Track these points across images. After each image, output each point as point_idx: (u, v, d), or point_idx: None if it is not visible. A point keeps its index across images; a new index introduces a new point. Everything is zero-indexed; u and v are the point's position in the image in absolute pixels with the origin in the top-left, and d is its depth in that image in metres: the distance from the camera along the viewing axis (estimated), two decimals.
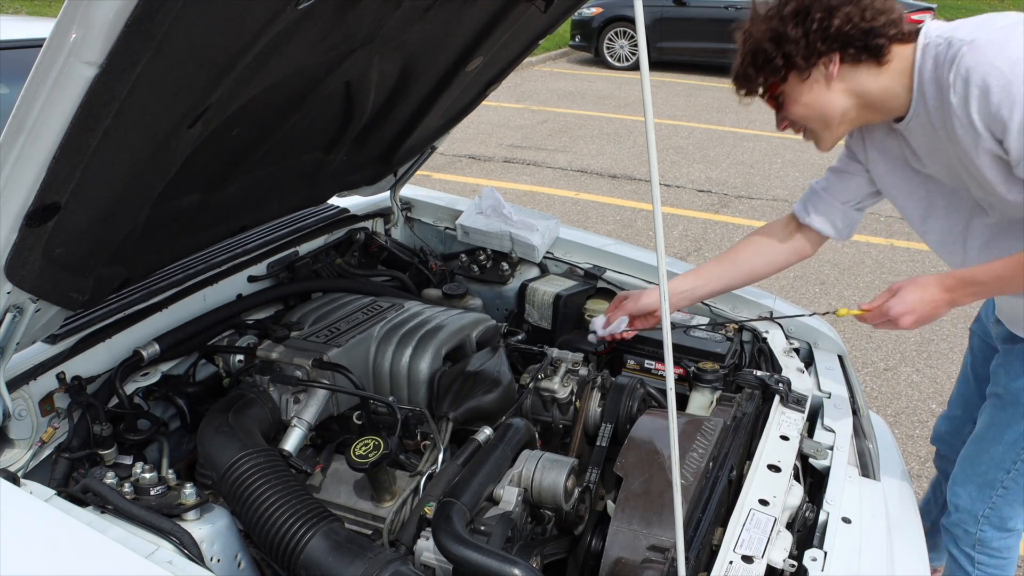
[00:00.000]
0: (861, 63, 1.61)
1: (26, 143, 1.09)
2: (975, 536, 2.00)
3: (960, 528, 2.01)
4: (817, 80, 1.63)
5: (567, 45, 13.88)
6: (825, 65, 1.61)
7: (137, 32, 0.98)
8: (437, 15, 1.69)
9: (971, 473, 1.97)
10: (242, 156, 1.77)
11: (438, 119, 2.36)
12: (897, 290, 1.69)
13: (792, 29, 1.59)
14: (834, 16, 1.57)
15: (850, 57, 1.60)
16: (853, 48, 1.59)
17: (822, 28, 1.57)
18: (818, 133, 1.73)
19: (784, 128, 1.78)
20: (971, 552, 2.02)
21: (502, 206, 2.65)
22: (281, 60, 1.40)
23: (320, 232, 2.42)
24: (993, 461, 1.92)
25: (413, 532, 1.44)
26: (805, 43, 1.59)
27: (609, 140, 8.64)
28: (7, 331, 1.38)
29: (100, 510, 1.34)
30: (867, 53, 1.59)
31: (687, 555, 1.33)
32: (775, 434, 1.75)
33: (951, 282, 1.65)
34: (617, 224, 6.17)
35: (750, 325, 2.24)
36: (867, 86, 1.63)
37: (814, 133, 1.74)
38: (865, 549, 1.53)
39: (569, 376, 1.88)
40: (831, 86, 1.63)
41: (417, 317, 1.98)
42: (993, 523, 1.97)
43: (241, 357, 1.86)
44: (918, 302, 1.66)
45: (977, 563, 2.03)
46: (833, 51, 1.60)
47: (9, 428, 1.51)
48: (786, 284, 5.19)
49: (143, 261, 1.74)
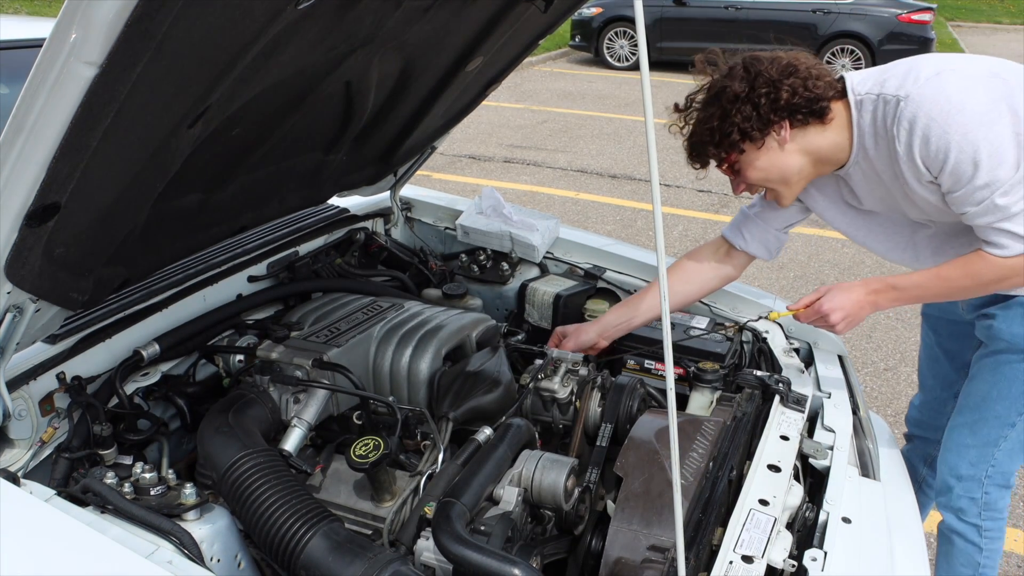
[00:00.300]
0: (808, 125, 1.79)
1: (26, 143, 1.09)
2: (981, 501, 2.01)
3: (965, 499, 2.02)
4: (771, 147, 1.81)
5: (567, 45, 13.89)
6: (777, 131, 1.79)
7: (137, 32, 0.98)
8: (437, 15, 1.69)
9: (971, 441, 2.00)
10: (242, 156, 1.76)
11: (438, 119, 2.36)
12: (826, 292, 1.89)
13: (740, 109, 1.76)
14: (780, 89, 1.75)
15: (799, 122, 1.79)
16: (800, 114, 1.77)
17: (770, 101, 1.76)
18: (778, 191, 1.91)
19: (741, 192, 1.96)
20: (978, 521, 2.03)
21: (502, 206, 2.65)
22: (281, 60, 1.40)
23: (320, 232, 2.41)
24: (998, 419, 1.95)
25: (413, 532, 1.44)
26: (757, 116, 1.77)
27: (609, 140, 8.64)
28: (7, 331, 1.38)
29: (100, 510, 1.34)
30: (813, 116, 1.78)
31: (687, 555, 1.33)
32: (775, 434, 1.75)
33: (876, 285, 1.86)
34: (617, 224, 6.17)
35: (750, 325, 2.24)
36: (817, 144, 1.81)
37: (774, 192, 1.92)
38: (865, 549, 1.53)
39: (569, 376, 1.88)
40: (785, 148, 1.81)
41: (417, 317, 1.98)
42: (996, 481, 2.00)
43: (241, 357, 1.86)
44: (846, 301, 1.85)
45: (984, 531, 2.04)
46: (783, 119, 1.78)
47: (9, 428, 1.51)
48: (786, 284, 5.19)
49: (143, 261, 1.74)
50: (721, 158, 1.86)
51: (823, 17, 11.80)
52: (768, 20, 11.96)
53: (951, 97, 1.62)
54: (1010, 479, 2.01)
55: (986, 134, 1.61)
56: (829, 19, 11.77)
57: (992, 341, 1.95)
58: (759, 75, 1.77)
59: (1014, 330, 1.90)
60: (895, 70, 1.75)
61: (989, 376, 1.96)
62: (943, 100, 1.63)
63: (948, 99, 1.62)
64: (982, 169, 1.61)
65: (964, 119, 1.61)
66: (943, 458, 2.06)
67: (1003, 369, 1.94)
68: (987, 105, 1.62)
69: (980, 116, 1.61)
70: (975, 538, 2.04)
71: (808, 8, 11.86)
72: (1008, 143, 1.61)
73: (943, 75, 1.66)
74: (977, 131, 1.61)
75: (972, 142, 1.60)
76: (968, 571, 2.07)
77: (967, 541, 2.05)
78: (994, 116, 1.61)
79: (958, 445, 2.02)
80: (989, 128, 1.61)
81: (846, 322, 1.87)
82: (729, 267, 2.18)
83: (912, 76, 1.69)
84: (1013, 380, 1.93)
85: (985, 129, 1.61)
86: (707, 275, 2.18)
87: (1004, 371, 1.94)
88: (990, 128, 1.61)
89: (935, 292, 1.84)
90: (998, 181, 1.62)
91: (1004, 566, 2.91)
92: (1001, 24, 20.46)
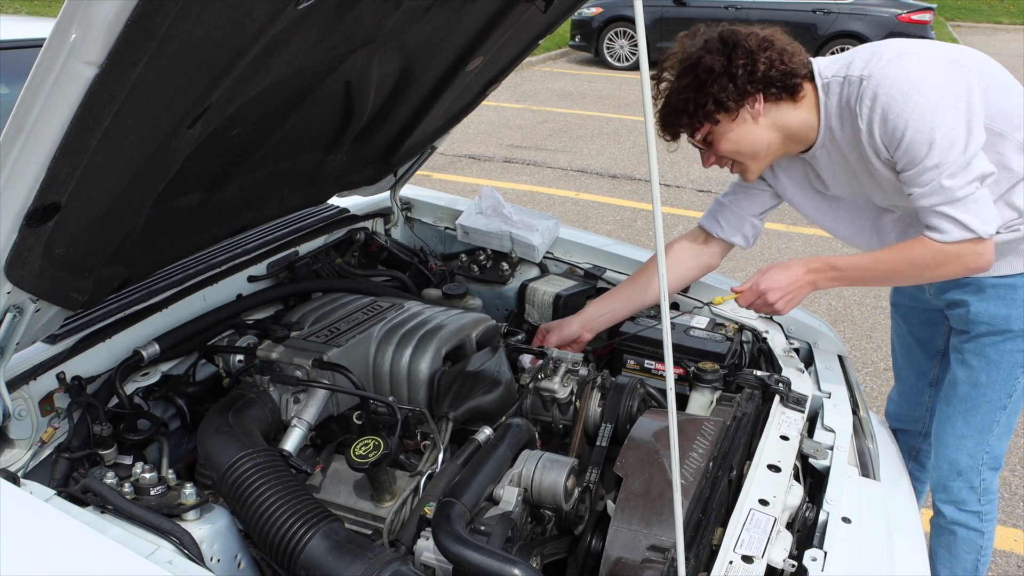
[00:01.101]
0: (781, 101, 1.83)
1: (26, 143, 1.09)
2: (980, 488, 2.02)
3: (965, 489, 2.02)
4: (744, 119, 1.84)
5: (567, 45, 13.88)
6: (751, 104, 1.82)
7: (137, 32, 0.98)
8: (437, 15, 1.69)
9: (966, 431, 2.00)
10: (242, 156, 1.76)
11: (438, 119, 2.36)
12: (766, 271, 1.91)
13: (716, 80, 1.78)
14: (758, 61, 1.79)
15: (772, 96, 1.82)
16: (775, 88, 1.81)
17: (747, 72, 1.79)
18: (746, 165, 1.94)
19: (710, 165, 1.99)
20: (978, 508, 2.04)
21: (502, 206, 2.65)
22: (281, 60, 1.40)
23: (320, 232, 2.41)
24: (990, 404, 1.97)
25: (413, 532, 1.44)
26: (733, 87, 1.79)
27: (609, 140, 8.64)
28: (7, 331, 1.38)
29: (100, 510, 1.34)
30: (786, 92, 1.82)
31: (687, 555, 1.33)
32: (775, 434, 1.75)
33: (816, 265, 1.88)
34: (617, 224, 6.17)
35: (750, 325, 2.24)
36: (787, 120, 1.85)
37: (742, 166, 1.95)
38: (865, 549, 1.53)
39: (569, 376, 1.88)
40: (758, 122, 1.84)
41: (417, 317, 1.98)
42: (990, 464, 2.02)
43: (241, 357, 1.86)
44: (784, 280, 1.87)
45: (983, 516, 2.05)
46: (758, 91, 1.81)
47: (9, 428, 1.51)
48: None
49: (143, 261, 1.74)
50: (695, 128, 1.87)
51: (823, 17, 11.80)
52: (768, 20, 11.73)
53: (911, 77, 1.67)
54: (1000, 461, 2.03)
55: (942, 115, 1.65)
56: (829, 19, 11.77)
57: (971, 326, 1.96)
58: (737, 46, 1.80)
59: (992, 311, 1.91)
60: (860, 53, 1.80)
61: (975, 361, 1.97)
62: (903, 80, 1.67)
63: (908, 79, 1.67)
64: (935, 149, 1.65)
65: (922, 99, 1.65)
66: (940, 454, 2.05)
67: (987, 352, 1.95)
68: (945, 88, 1.67)
69: (938, 98, 1.65)
70: (977, 524, 2.05)
71: (808, 8, 11.86)
72: (960, 127, 1.65)
73: (905, 57, 1.71)
74: (934, 112, 1.65)
75: (928, 122, 1.65)
76: (971, 556, 2.09)
77: (969, 529, 2.06)
78: (950, 100, 1.66)
79: (954, 437, 2.02)
80: (945, 110, 1.65)
81: (785, 301, 1.88)
82: (708, 256, 2.20)
83: (876, 58, 1.74)
84: (1000, 362, 1.93)
85: (942, 111, 1.65)
86: (687, 264, 2.20)
87: (989, 354, 1.94)
88: (946, 110, 1.65)
89: (874, 275, 1.87)
90: (947, 163, 1.65)
91: (1004, 566, 2.91)
92: (1001, 24, 20.46)
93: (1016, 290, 1.88)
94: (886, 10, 11.68)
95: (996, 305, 1.90)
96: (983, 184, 1.68)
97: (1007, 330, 1.91)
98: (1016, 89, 1.81)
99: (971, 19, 20.87)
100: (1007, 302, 1.89)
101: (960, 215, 1.68)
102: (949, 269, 1.76)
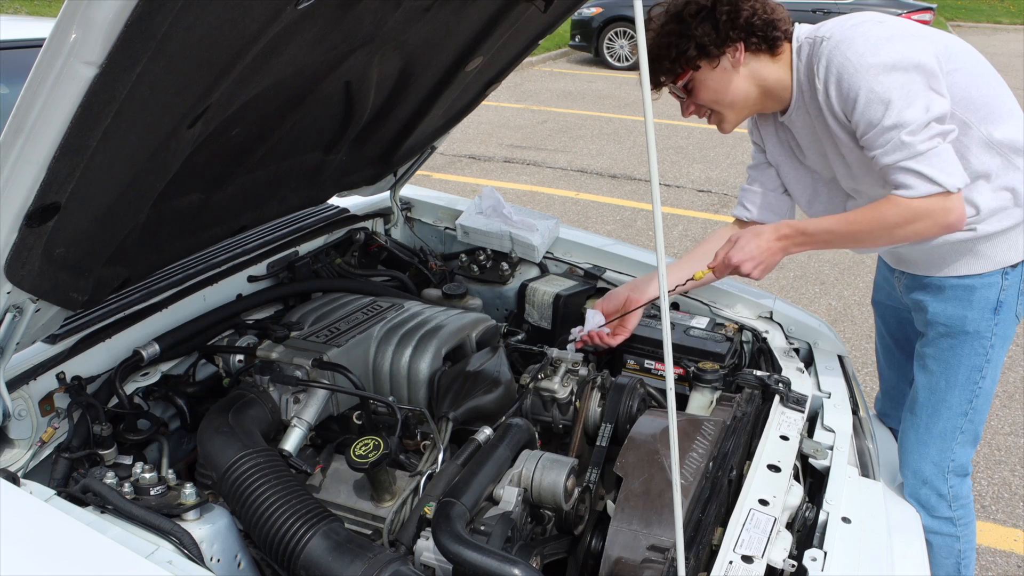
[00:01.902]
0: (761, 53, 1.85)
1: (26, 143, 1.09)
2: (949, 495, 2.01)
3: (933, 496, 2.01)
4: (725, 68, 1.86)
5: (567, 45, 13.88)
6: (732, 53, 1.84)
7: (137, 32, 0.98)
8: (437, 15, 1.69)
9: (927, 438, 1.99)
10: (242, 156, 1.76)
11: (438, 119, 2.36)
12: (736, 240, 1.89)
13: (700, 24, 1.81)
14: (741, 8, 1.82)
15: (753, 46, 1.84)
16: (755, 38, 1.83)
17: (731, 18, 1.82)
18: (723, 115, 1.94)
19: (690, 114, 1.99)
20: (949, 513, 2.02)
21: (502, 206, 2.65)
22: (281, 60, 1.40)
23: (320, 232, 2.42)
24: (950, 410, 1.95)
25: (413, 532, 1.44)
26: (715, 33, 1.82)
27: (609, 140, 8.64)
28: (7, 331, 1.38)
29: (100, 510, 1.34)
30: (766, 44, 1.84)
31: (687, 555, 1.33)
32: (775, 434, 1.75)
33: (786, 231, 1.87)
34: (617, 224, 6.17)
35: (750, 325, 2.24)
36: (765, 74, 1.87)
37: (719, 115, 1.95)
38: (865, 549, 1.53)
39: (569, 376, 1.88)
40: (738, 71, 1.86)
41: (417, 317, 1.98)
42: (957, 471, 2.00)
43: (241, 357, 1.86)
44: (755, 249, 1.86)
45: (957, 520, 2.04)
46: (740, 39, 1.83)
47: (9, 428, 1.51)
48: (786, 284, 5.19)
49: (143, 261, 1.74)
50: (676, 74, 1.89)
51: (823, 17, 11.76)
52: None
53: (868, 40, 1.69)
54: (967, 467, 2.01)
55: (898, 78, 1.65)
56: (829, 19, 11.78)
57: (930, 328, 1.96)
58: None
59: (949, 311, 1.91)
60: (834, 19, 1.82)
61: (934, 366, 1.96)
62: (860, 42, 1.69)
63: (865, 42, 1.69)
64: (892, 110, 1.65)
65: (876, 61, 1.66)
66: (905, 462, 2.04)
67: (945, 356, 1.93)
68: (903, 55, 1.67)
69: (894, 63, 1.66)
70: (951, 530, 2.04)
71: (808, 8, 11.86)
72: (919, 90, 1.65)
73: (868, 23, 1.74)
74: (889, 75, 1.65)
75: (883, 83, 1.65)
76: (951, 560, 2.08)
77: (943, 535, 2.05)
78: (908, 65, 1.66)
79: (916, 445, 2.01)
80: (901, 74, 1.65)
81: (759, 269, 1.88)
82: None
83: (841, 21, 1.78)
84: (958, 365, 1.92)
85: (898, 74, 1.65)
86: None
87: (947, 357, 1.93)
88: (902, 74, 1.65)
89: (844, 237, 1.84)
90: (905, 122, 1.65)
91: (1004, 566, 2.91)
92: (1001, 24, 20.46)
93: (973, 291, 1.87)
94: (886, 10, 11.67)
95: (953, 306, 1.90)
96: (945, 140, 1.67)
97: (963, 331, 1.89)
98: (990, 82, 1.79)
99: (971, 19, 20.87)
100: (964, 303, 1.88)
101: (925, 169, 1.65)
102: (919, 226, 1.73)
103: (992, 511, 3.18)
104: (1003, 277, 1.85)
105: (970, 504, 2.06)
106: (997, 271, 1.85)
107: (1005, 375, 4.16)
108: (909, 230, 1.74)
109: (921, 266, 1.95)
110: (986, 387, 1.93)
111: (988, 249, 1.84)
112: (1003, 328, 1.88)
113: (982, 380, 1.92)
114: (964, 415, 1.94)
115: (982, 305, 1.87)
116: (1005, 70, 12.38)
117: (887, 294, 2.24)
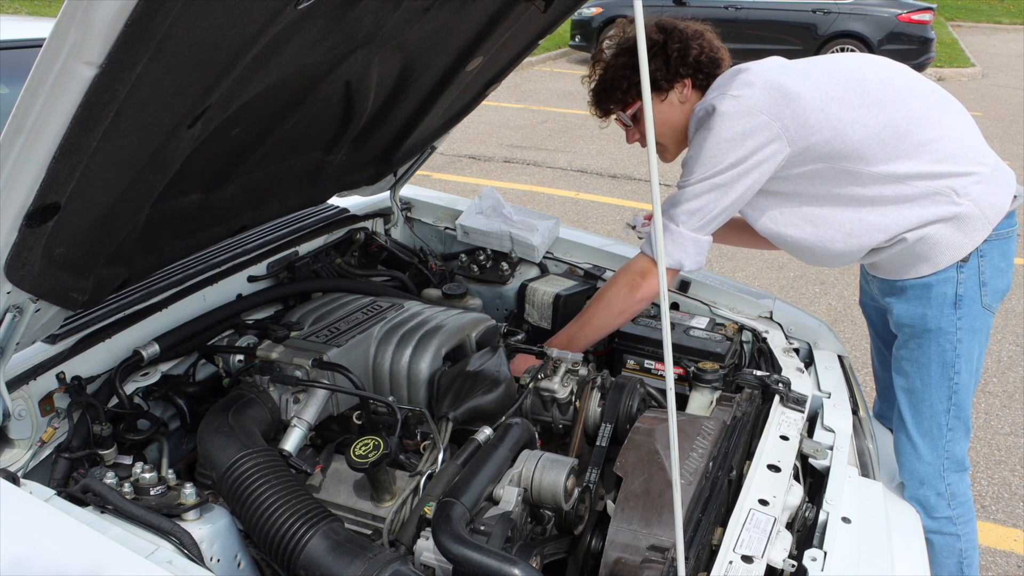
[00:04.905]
0: (705, 91, 1.98)
1: (26, 143, 1.09)
2: (946, 494, 2.02)
3: (932, 496, 2.01)
4: (672, 101, 2.03)
5: (567, 45, 13.88)
6: (680, 88, 2.01)
7: (137, 32, 0.98)
8: (437, 15, 1.69)
9: (918, 440, 2.00)
10: (242, 156, 1.76)
11: (438, 119, 2.36)
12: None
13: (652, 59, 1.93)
14: (690, 47, 1.98)
15: (699, 83, 2.00)
16: (701, 75, 1.99)
17: (681, 56, 1.97)
18: (667, 146, 2.13)
19: (633, 142, 2.17)
20: (948, 512, 2.03)
21: (502, 206, 2.65)
22: (281, 60, 1.40)
23: (320, 232, 2.41)
24: (932, 408, 1.97)
25: (413, 532, 1.44)
26: (666, 68, 1.98)
27: (609, 140, 8.64)
28: (7, 331, 1.38)
29: (100, 510, 1.34)
30: (709, 82, 1.98)
31: (687, 555, 1.33)
32: (775, 434, 1.75)
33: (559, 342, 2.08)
34: (617, 224, 6.17)
35: (749, 325, 2.24)
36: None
37: (661, 147, 2.13)
38: (865, 549, 1.53)
39: (569, 376, 1.88)
40: (683, 107, 2.02)
41: (417, 317, 1.98)
42: (953, 468, 2.01)
43: (241, 357, 1.86)
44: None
45: (956, 520, 2.04)
46: (688, 75, 1.99)
47: (9, 428, 1.51)
48: (786, 284, 5.19)
49: (143, 261, 1.74)
50: (626, 103, 2.05)
51: (823, 17, 11.80)
52: (768, 20, 11.96)
53: (718, 113, 1.85)
54: (964, 461, 2.02)
55: (719, 156, 1.84)
56: (829, 19, 11.77)
57: (898, 330, 1.99)
58: (674, 31, 1.99)
59: (911, 311, 1.94)
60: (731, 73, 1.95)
61: (908, 367, 1.99)
62: (711, 117, 1.86)
63: (715, 116, 1.85)
64: (694, 172, 1.89)
65: (710, 137, 1.85)
66: (901, 465, 2.06)
67: (916, 356, 1.96)
68: (737, 141, 1.83)
69: (721, 142, 1.83)
70: (951, 529, 2.05)
71: (808, 8, 11.86)
72: (720, 152, 1.83)
73: (726, 98, 1.85)
74: (714, 149, 1.84)
75: (705, 155, 1.85)
76: (953, 560, 2.08)
77: (944, 534, 2.05)
78: (734, 148, 1.83)
79: (908, 447, 2.03)
80: (725, 154, 1.83)
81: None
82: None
83: (719, 84, 1.93)
84: (929, 363, 1.94)
85: (721, 153, 1.84)
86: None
87: (917, 357, 1.96)
88: (726, 154, 1.83)
89: (585, 327, 2.08)
90: (692, 180, 1.89)
91: (1004, 566, 2.91)
92: (1001, 24, 20.46)
93: (930, 288, 1.90)
94: (886, 10, 11.67)
95: (913, 305, 1.93)
96: (696, 223, 1.90)
97: (925, 329, 1.92)
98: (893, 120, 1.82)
99: (971, 19, 20.87)
100: (923, 301, 1.91)
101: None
102: (620, 282, 2.02)
103: (992, 511, 3.18)
104: (958, 271, 1.88)
105: (969, 502, 2.06)
106: (951, 266, 1.88)
107: (1005, 375, 4.16)
108: (613, 289, 2.05)
109: (886, 270, 1.99)
110: (963, 381, 1.94)
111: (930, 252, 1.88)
112: (969, 321, 1.90)
113: (956, 375, 1.93)
114: (947, 412, 1.96)
115: (939, 301, 1.90)
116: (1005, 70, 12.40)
117: (870, 295, 2.26)
